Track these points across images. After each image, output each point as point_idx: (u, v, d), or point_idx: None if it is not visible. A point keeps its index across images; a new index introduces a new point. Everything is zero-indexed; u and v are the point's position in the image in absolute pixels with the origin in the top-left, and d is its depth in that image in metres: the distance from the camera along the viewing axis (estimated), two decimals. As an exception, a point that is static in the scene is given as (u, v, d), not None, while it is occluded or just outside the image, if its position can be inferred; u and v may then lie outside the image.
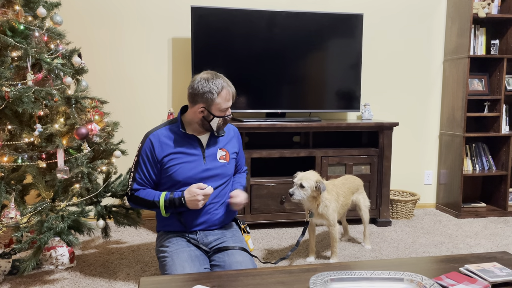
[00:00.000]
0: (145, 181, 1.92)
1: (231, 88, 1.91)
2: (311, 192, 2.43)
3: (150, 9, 3.47)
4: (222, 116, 1.90)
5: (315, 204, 2.49)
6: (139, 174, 1.91)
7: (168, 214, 1.89)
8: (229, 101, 1.89)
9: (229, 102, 1.90)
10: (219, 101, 1.86)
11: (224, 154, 1.98)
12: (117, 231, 3.26)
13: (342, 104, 3.58)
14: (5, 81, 2.11)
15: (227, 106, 1.89)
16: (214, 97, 1.85)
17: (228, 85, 1.89)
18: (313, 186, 2.42)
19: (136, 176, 1.92)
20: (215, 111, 1.87)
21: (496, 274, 1.39)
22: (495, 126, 3.79)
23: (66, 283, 2.35)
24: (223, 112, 1.89)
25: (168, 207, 1.85)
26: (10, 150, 2.22)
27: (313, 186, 2.42)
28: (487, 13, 3.59)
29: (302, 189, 2.42)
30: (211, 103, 1.86)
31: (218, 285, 1.33)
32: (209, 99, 1.85)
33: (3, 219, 2.09)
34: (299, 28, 3.43)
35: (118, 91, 3.49)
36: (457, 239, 3.16)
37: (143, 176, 1.91)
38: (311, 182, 2.42)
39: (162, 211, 1.86)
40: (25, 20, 2.26)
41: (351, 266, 1.50)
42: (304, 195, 2.42)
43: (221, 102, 1.86)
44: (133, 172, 1.93)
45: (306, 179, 2.42)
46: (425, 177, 4.06)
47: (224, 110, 1.89)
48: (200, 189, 1.81)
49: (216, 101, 1.85)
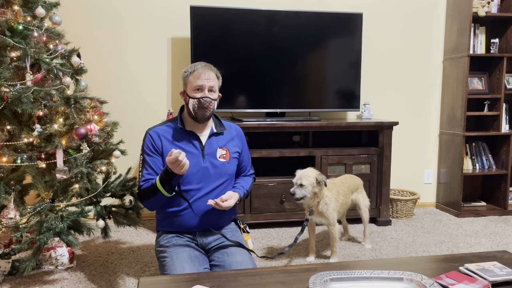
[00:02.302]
0: (153, 174, 1.89)
1: (210, 70, 1.90)
2: (311, 188, 2.43)
3: (149, 9, 3.47)
4: (196, 97, 1.86)
5: (316, 201, 2.49)
6: (147, 170, 1.91)
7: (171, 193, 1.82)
8: (201, 80, 1.86)
9: (201, 81, 1.86)
10: (191, 79, 1.89)
11: (224, 153, 1.97)
12: (117, 231, 3.25)
13: (342, 104, 3.57)
14: (4, 81, 2.11)
15: (199, 84, 1.86)
16: (187, 75, 1.91)
17: (204, 66, 1.89)
18: (313, 182, 2.42)
19: (144, 173, 1.92)
20: (189, 91, 1.89)
21: (496, 273, 1.38)
22: (495, 125, 3.79)
23: (66, 283, 2.35)
24: (196, 91, 1.87)
25: (164, 185, 1.79)
26: (9, 150, 2.21)
27: (313, 182, 2.42)
28: (486, 12, 3.58)
29: (302, 187, 2.42)
30: (186, 83, 1.91)
31: (218, 285, 1.33)
32: (186, 80, 1.92)
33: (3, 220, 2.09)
34: (298, 27, 3.43)
35: (118, 91, 3.48)
36: (457, 238, 3.16)
37: (151, 169, 1.90)
38: (310, 179, 2.42)
39: (161, 190, 1.80)
40: (24, 20, 2.26)
41: (350, 265, 1.50)
42: (305, 193, 2.43)
43: (192, 80, 1.88)
44: (141, 171, 1.94)
45: (305, 177, 2.42)
46: (425, 176, 4.05)
47: (196, 88, 1.87)
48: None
49: (188, 79, 1.90)
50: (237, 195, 1.93)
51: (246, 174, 2.16)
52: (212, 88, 1.90)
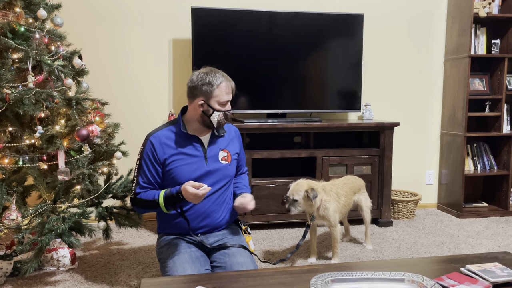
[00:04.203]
0: (148, 184, 1.88)
1: (231, 82, 1.90)
2: (304, 202, 2.47)
3: (150, 10, 3.48)
4: (221, 110, 1.86)
5: (314, 208, 2.50)
6: (142, 178, 1.88)
7: (169, 210, 1.85)
8: (228, 94, 1.87)
9: (228, 96, 1.87)
10: (218, 93, 1.84)
11: (225, 155, 1.96)
12: (118, 232, 3.26)
13: (343, 105, 3.58)
14: (6, 83, 2.12)
15: (226, 100, 1.87)
16: (213, 89, 1.83)
17: (227, 79, 1.88)
18: (303, 195, 2.45)
19: (139, 180, 1.89)
20: (214, 104, 1.85)
21: (497, 275, 1.38)
22: (496, 126, 3.79)
23: (68, 284, 2.35)
24: (222, 105, 1.86)
25: (167, 204, 1.81)
26: (11, 152, 2.22)
27: (304, 196, 2.45)
28: (487, 13, 3.58)
29: (295, 202, 2.46)
30: (210, 96, 1.84)
31: (219, 286, 1.33)
32: (208, 91, 1.83)
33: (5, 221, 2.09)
34: (299, 28, 3.43)
35: (119, 93, 3.49)
36: (459, 239, 3.15)
37: (146, 179, 1.88)
38: (300, 193, 2.46)
39: (163, 208, 1.82)
40: (25, 22, 2.27)
41: (352, 266, 1.50)
42: (300, 208, 2.48)
43: (220, 95, 1.84)
44: (136, 176, 1.90)
45: (296, 192, 2.46)
46: (427, 177, 4.05)
47: (223, 104, 1.86)
48: (195, 187, 1.74)
49: (214, 93, 1.83)
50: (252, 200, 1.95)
51: (242, 172, 2.17)
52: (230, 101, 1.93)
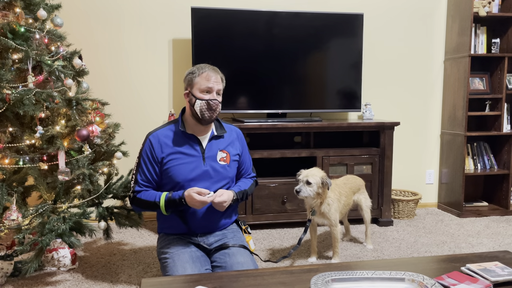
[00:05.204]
0: (147, 182, 1.91)
1: (218, 73, 1.91)
2: (317, 188, 2.43)
3: (150, 10, 3.48)
4: (203, 98, 1.86)
5: (318, 201, 2.49)
6: (141, 176, 1.91)
7: (169, 212, 1.88)
8: (208, 81, 1.87)
9: (208, 82, 1.87)
10: (198, 80, 1.87)
11: (224, 156, 1.96)
12: (119, 232, 3.26)
13: (343, 104, 3.58)
14: (6, 84, 2.12)
15: (206, 86, 1.86)
16: (194, 76, 1.88)
17: (212, 69, 1.89)
18: (319, 182, 2.42)
19: (138, 178, 1.91)
20: (196, 92, 1.87)
21: (497, 274, 1.38)
22: (496, 125, 3.79)
23: (68, 284, 2.35)
24: (204, 92, 1.87)
25: (168, 207, 1.84)
26: (11, 152, 2.22)
27: (319, 182, 2.42)
28: (487, 12, 3.58)
29: (308, 185, 2.42)
30: (192, 84, 1.88)
31: (219, 286, 1.33)
32: (190, 80, 1.89)
33: (5, 221, 2.09)
34: (299, 28, 3.43)
35: (119, 93, 3.49)
36: (459, 238, 3.15)
37: (145, 177, 1.90)
38: (317, 178, 2.42)
39: (163, 211, 1.86)
40: (25, 22, 2.27)
41: (352, 266, 1.50)
42: (310, 192, 2.43)
43: (200, 81, 1.87)
44: (135, 174, 1.93)
45: (312, 176, 2.42)
46: (427, 177, 4.05)
47: (204, 91, 1.87)
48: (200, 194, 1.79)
49: (195, 80, 1.87)
50: (230, 193, 1.89)
51: (246, 177, 2.14)
52: (219, 91, 1.91)
